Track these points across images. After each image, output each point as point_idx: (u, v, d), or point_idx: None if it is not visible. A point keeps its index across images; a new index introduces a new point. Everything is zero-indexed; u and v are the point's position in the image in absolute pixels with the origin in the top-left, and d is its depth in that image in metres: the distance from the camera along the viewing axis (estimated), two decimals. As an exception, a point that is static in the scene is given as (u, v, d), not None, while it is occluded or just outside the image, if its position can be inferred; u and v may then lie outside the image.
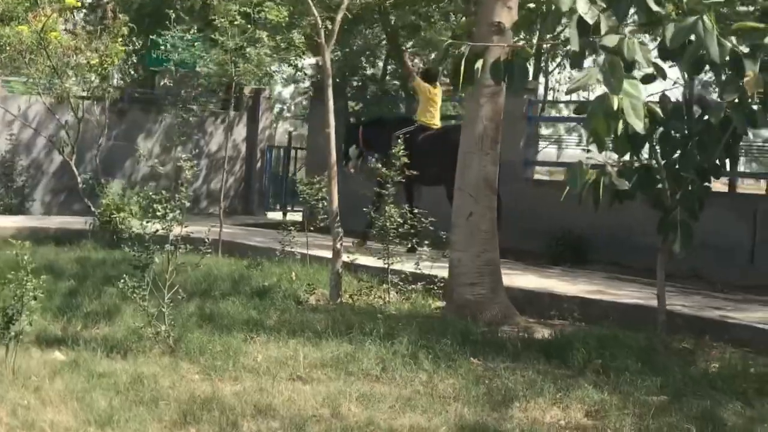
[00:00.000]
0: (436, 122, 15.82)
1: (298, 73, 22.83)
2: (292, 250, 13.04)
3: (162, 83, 21.59)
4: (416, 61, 17.87)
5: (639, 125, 7.51)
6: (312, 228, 13.38)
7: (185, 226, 8.72)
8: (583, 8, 7.73)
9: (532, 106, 17.71)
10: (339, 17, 11.61)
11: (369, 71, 22.25)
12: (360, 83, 22.00)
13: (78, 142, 15.93)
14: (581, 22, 7.77)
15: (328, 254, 12.68)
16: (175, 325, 8.59)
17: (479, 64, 8.25)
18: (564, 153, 22.75)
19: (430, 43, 21.83)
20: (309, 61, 22.80)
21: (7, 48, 14.12)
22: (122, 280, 8.47)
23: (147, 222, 8.71)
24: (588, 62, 17.03)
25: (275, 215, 21.78)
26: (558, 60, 25.23)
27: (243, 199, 21.94)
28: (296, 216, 21.27)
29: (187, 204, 8.80)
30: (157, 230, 8.66)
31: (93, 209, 14.90)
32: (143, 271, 8.46)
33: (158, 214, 8.44)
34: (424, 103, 15.72)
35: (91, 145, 17.85)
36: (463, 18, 19.96)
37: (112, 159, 18.97)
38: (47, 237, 14.95)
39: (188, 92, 16.54)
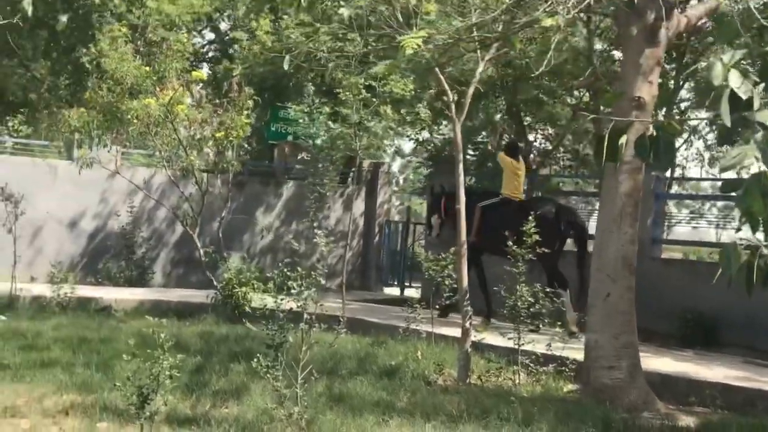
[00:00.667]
0: (520, 194, 16.11)
1: (418, 146, 22.79)
2: (417, 327, 12.80)
3: (279, 155, 21.70)
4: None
5: (797, 205, 7.16)
6: (437, 306, 13.16)
7: (320, 304, 8.54)
8: (736, 83, 7.43)
9: (660, 182, 17.31)
10: (471, 90, 11.45)
11: (489, 146, 22.10)
12: (477, 157, 21.85)
13: (202, 215, 15.97)
14: (733, 96, 7.47)
15: (453, 332, 12.48)
16: (307, 407, 8.39)
17: (623, 140, 7.98)
18: (694, 232, 22.26)
19: (552, 117, 21.64)
20: (424, 134, 22.76)
21: (135, 121, 14.21)
22: (256, 359, 8.28)
23: (281, 299, 8.55)
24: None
25: (392, 291, 21.59)
26: (685, 136, 24.84)
27: (360, 274, 21.77)
28: (413, 292, 21.08)
29: (323, 282, 8.62)
30: (291, 308, 8.49)
31: (215, 283, 14.84)
32: (277, 350, 8.28)
33: (293, 291, 8.27)
34: (508, 176, 15.94)
35: (211, 217, 17.95)
36: (586, 92, 19.76)
37: (231, 232, 19.01)
38: (168, 310, 14.96)
39: (318, 167, 16.46)
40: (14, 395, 9.15)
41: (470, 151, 22.20)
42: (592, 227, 26.87)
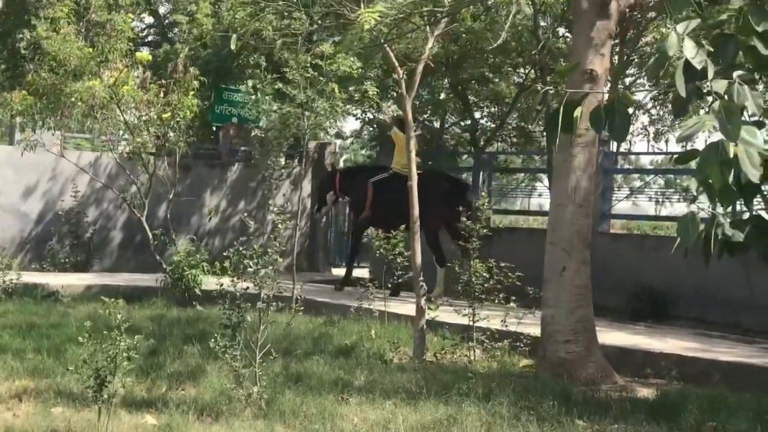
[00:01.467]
0: None
1: (365, 125, 22.72)
2: (369, 306, 12.75)
3: (224, 137, 21.50)
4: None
5: (755, 174, 7.15)
6: (389, 285, 13.14)
7: (277, 282, 8.45)
8: (690, 53, 7.44)
9: (608, 158, 17.38)
10: (420, 67, 11.38)
11: (434, 124, 22.07)
12: (422, 136, 21.81)
13: (149, 198, 15.77)
14: (688, 66, 7.47)
15: (405, 310, 12.46)
16: (266, 386, 8.31)
17: (578, 112, 7.96)
18: (635, 207, 22.43)
19: (498, 95, 21.63)
20: (370, 114, 22.66)
21: (79, 103, 13.95)
22: (213, 339, 8.18)
23: (236, 279, 8.45)
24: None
25: (340, 271, 21.49)
26: (629, 111, 24.74)
27: (308, 255, 21.62)
28: (362, 272, 21.01)
29: (279, 259, 8.52)
30: (247, 288, 8.39)
31: (164, 266, 14.67)
32: (234, 330, 8.18)
33: (249, 269, 8.17)
34: (399, 151, 16.21)
35: (158, 200, 17.74)
36: (531, 70, 19.78)
37: (179, 214, 18.81)
38: (117, 294, 14.70)
39: (264, 148, 16.32)
40: (-37, 383, 9.00)
41: (418, 130, 22.17)
42: (534, 203, 27.23)
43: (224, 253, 9.13)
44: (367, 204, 16.41)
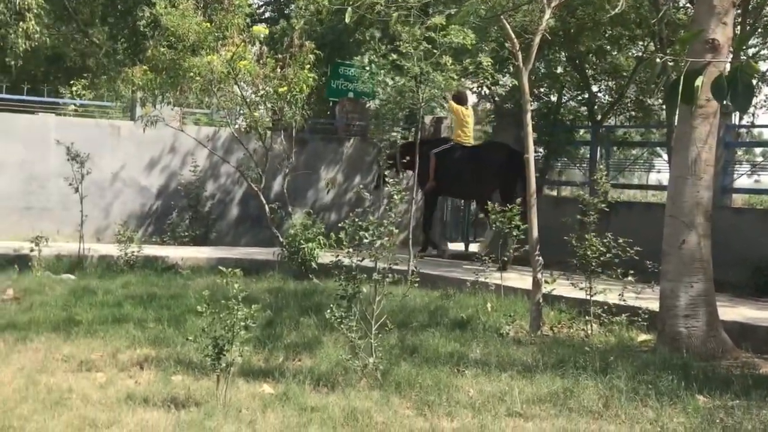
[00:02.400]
0: (470, 140, 17.81)
1: (480, 99, 22.56)
2: (485, 281, 12.69)
3: (340, 112, 21.56)
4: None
5: None
6: (505, 258, 13.08)
7: (393, 254, 8.46)
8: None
9: (730, 130, 17.00)
10: (537, 39, 11.26)
11: (551, 98, 21.81)
12: (540, 110, 21.58)
13: (266, 171, 15.91)
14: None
15: (522, 285, 12.38)
16: (382, 358, 8.33)
17: (699, 82, 7.79)
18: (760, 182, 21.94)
19: (616, 68, 21.29)
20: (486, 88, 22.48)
21: (197, 78, 14.09)
22: (329, 310, 8.23)
23: (351, 250, 8.46)
24: None
25: (455, 246, 21.44)
26: (754, 81, 24.07)
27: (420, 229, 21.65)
28: (477, 247, 20.94)
29: (395, 230, 8.52)
30: (362, 259, 8.41)
31: (281, 239, 14.79)
32: (350, 301, 8.22)
33: (365, 242, 8.19)
34: (458, 123, 17.68)
35: (275, 174, 17.90)
36: (650, 42, 19.41)
37: (295, 188, 18.91)
38: (235, 267, 14.90)
39: (380, 122, 16.31)
40: (88, 350, 9.23)
41: (534, 104, 21.93)
42: (652, 178, 26.77)
43: (340, 225, 9.13)
44: (431, 174, 17.29)
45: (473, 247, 20.20)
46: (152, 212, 18.99)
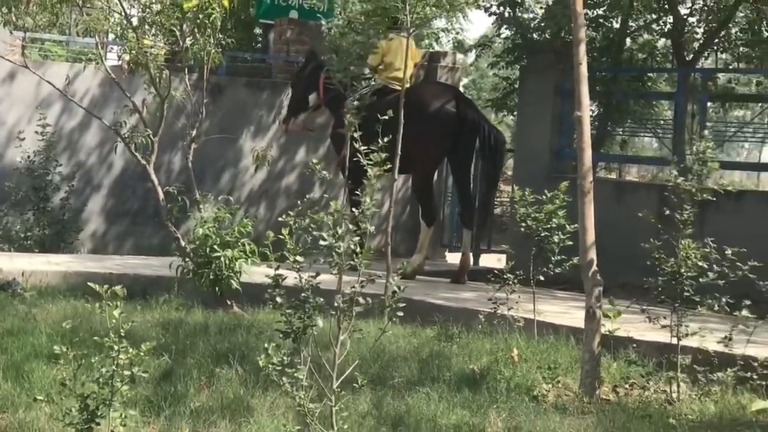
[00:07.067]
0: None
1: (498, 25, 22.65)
2: (508, 313, 12.74)
3: (277, 42, 21.58)
4: None
5: None
6: (542, 277, 13.12)
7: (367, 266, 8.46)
8: None
9: None
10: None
11: (612, 23, 21.97)
12: (593, 45, 21.72)
13: (161, 135, 15.67)
14: None
15: (566, 320, 12.44)
16: (349, 432, 8.37)
17: None
18: None
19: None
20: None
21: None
22: (263, 355, 8.20)
23: (300, 260, 8.44)
24: None
25: (457, 258, 21.52)
26: None
27: (409, 232, 21.61)
28: (491, 260, 21.03)
29: (371, 229, 8.52)
30: (317, 274, 8.39)
31: (183, 244, 14.70)
32: (297, 342, 8.20)
33: (322, 244, 8.17)
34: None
35: (174, 140, 17.84)
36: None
37: (204, 164, 18.91)
38: (108, 286, 14.89)
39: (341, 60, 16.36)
40: None
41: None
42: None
43: (280, 219, 9.06)
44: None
45: (488, 260, 20.34)
46: (-27, 200, 18.96)
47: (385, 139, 9.00)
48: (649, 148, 48.14)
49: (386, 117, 10.57)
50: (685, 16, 22.21)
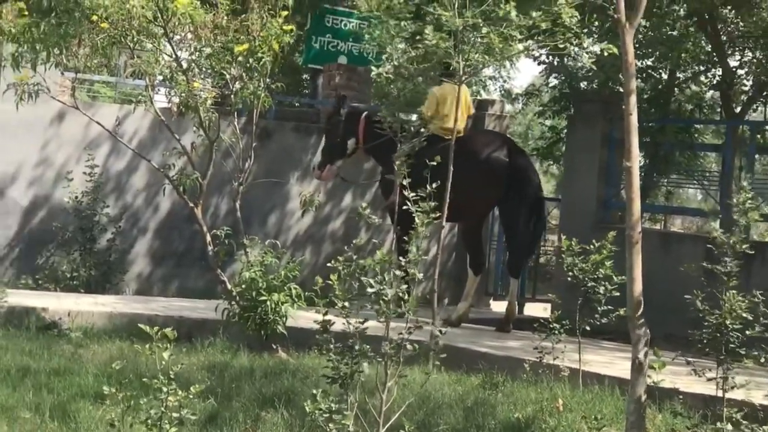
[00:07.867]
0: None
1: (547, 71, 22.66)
2: (554, 362, 12.74)
3: (326, 87, 21.61)
4: None
5: None
6: (588, 327, 13.10)
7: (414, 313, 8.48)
8: None
9: None
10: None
11: (661, 74, 21.94)
12: (642, 95, 21.68)
13: (209, 178, 15.65)
14: None
15: (611, 370, 12.42)
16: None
17: None
18: None
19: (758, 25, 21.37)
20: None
21: (104, 25, 13.88)
22: (310, 400, 8.23)
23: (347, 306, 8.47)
24: None
25: (503, 306, 21.50)
26: None
27: (454, 279, 21.56)
28: (536, 309, 21.00)
29: (419, 275, 8.56)
30: (365, 320, 8.41)
31: (229, 287, 14.69)
32: (344, 387, 8.23)
33: (369, 291, 8.20)
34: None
35: (222, 183, 17.86)
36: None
37: (252, 208, 18.94)
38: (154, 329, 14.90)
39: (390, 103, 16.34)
40: None
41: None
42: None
43: (328, 264, 9.07)
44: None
45: (533, 309, 20.32)
46: (21, 239, 19.01)
47: (434, 186, 9.07)
48: (694, 200, 48.09)
49: (434, 163, 10.64)
50: (734, 68, 22.17)
